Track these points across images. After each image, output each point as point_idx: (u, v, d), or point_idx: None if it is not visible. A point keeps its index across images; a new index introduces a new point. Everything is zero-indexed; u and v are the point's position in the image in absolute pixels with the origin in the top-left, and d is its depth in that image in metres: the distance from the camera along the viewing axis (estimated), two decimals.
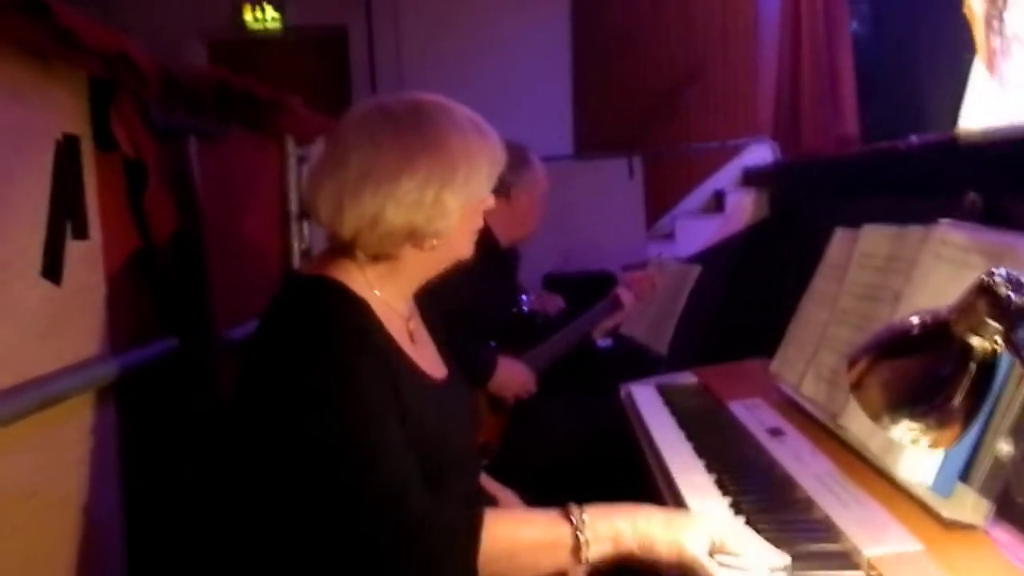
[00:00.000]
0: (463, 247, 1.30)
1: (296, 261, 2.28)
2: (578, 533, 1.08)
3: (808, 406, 1.55)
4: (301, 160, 2.32)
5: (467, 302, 1.48)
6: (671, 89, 5.02)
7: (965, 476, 1.06)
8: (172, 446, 1.54)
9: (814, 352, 1.61)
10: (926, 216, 2.83)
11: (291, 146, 2.29)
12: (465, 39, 5.18)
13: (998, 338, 0.76)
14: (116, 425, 1.41)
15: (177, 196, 1.65)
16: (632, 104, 5.10)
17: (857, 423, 1.32)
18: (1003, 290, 0.74)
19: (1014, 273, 0.75)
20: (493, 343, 2.37)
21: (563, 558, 1.09)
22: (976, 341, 0.77)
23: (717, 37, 5.01)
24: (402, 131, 1.20)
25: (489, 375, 2.21)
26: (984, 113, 4.29)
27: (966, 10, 4.15)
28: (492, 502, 1.16)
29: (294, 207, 2.29)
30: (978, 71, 4.48)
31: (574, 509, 1.10)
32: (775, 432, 1.51)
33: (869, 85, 5.44)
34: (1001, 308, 0.74)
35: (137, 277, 1.52)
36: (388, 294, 1.27)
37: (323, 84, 5.50)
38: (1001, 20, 4.12)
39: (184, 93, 1.71)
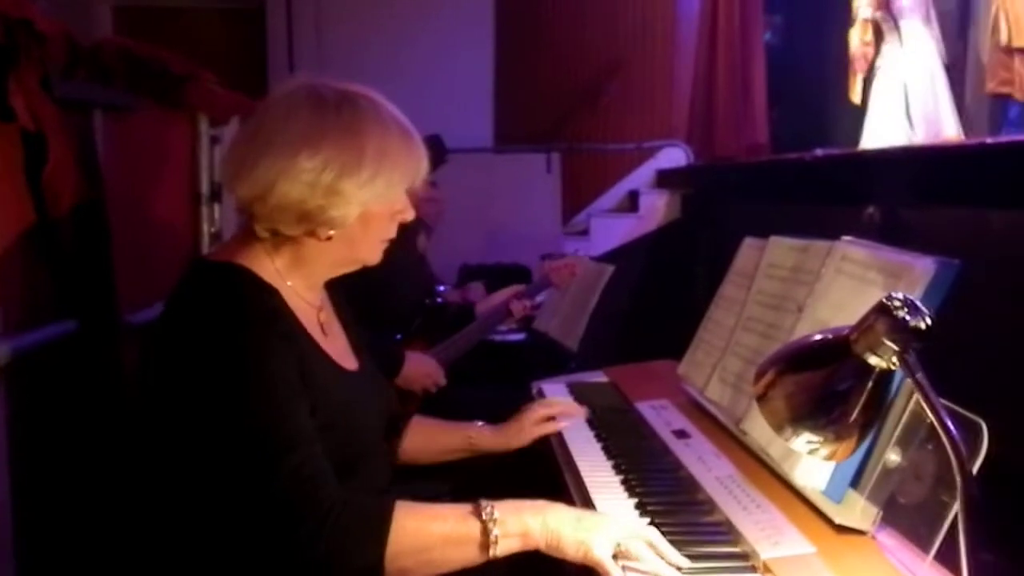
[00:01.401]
0: (368, 251, 1.29)
1: (205, 245, 2.22)
2: (487, 529, 1.10)
3: (713, 409, 1.60)
4: (214, 140, 2.25)
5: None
6: (591, 87, 5.08)
7: (856, 483, 1.12)
8: (68, 434, 1.47)
9: (720, 357, 1.66)
10: (830, 224, 2.95)
11: (204, 125, 2.21)
12: (388, 24, 5.10)
13: (894, 357, 0.80)
14: (5, 411, 1.34)
15: (80, 171, 1.58)
16: (553, 99, 5.13)
17: (758, 429, 1.37)
18: (901, 313, 0.78)
19: (911, 297, 0.79)
20: (399, 335, 2.36)
21: (472, 553, 1.11)
22: (874, 360, 0.81)
23: (636, 39, 5.09)
24: (320, 111, 1.20)
25: (397, 369, 2.20)
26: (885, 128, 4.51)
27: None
28: (408, 495, 1.17)
29: (205, 188, 2.22)
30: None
31: (484, 505, 1.12)
32: (681, 434, 1.55)
33: (780, 94, 5.64)
34: (898, 329, 0.78)
35: (33, 255, 1.45)
36: (297, 284, 1.27)
37: (237, 61, 5.32)
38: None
39: (89, 63, 1.63)
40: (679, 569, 1.06)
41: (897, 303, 0.79)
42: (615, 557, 1.07)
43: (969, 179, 2.48)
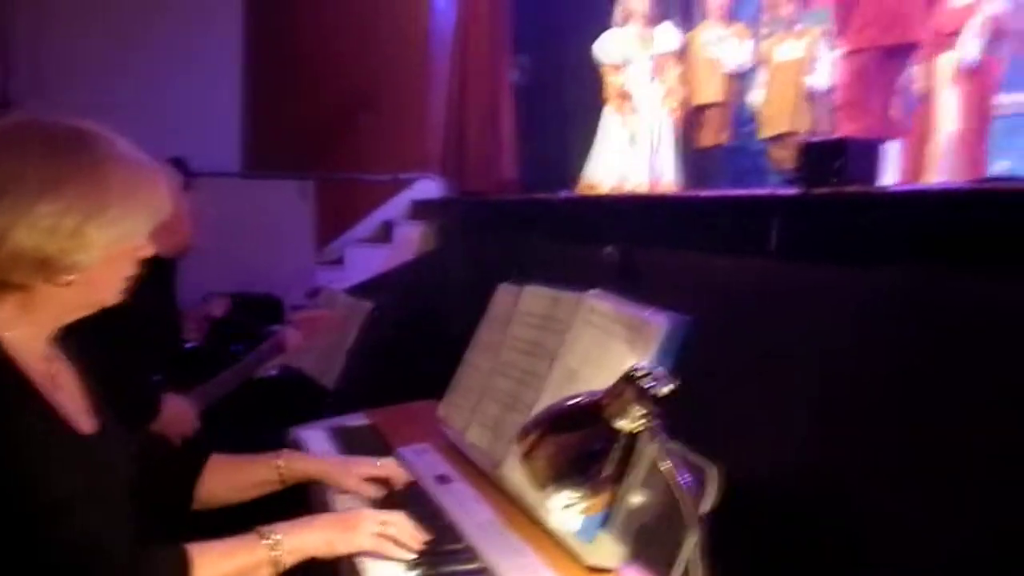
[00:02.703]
0: (107, 292, 1.22)
1: None
2: (273, 552, 1.22)
3: (472, 453, 1.65)
4: None
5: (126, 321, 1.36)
6: (346, 116, 5.05)
7: (605, 525, 1.21)
8: None
9: (478, 400, 1.72)
10: (574, 261, 3.15)
11: None
12: (120, 36, 4.71)
13: (641, 421, 0.88)
14: None
15: None
16: (307, 126, 5.03)
17: (516, 473, 1.43)
18: (646, 381, 0.86)
19: (657, 367, 0.88)
20: (158, 376, 2.20)
21: (266, 574, 1.23)
22: (623, 423, 0.89)
23: (391, 70, 5.15)
24: (56, 153, 1.12)
25: (154, 414, 2.04)
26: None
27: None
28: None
29: None
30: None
31: (264, 530, 1.24)
32: (442, 479, 1.58)
33: (528, 132, 5.96)
34: (644, 397, 0.87)
35: None
36: (23, 334, 1.16)
37: None
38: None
39: None
40: None
41: (642, 372, 0.87)
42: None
43: (691, 227, 2.79)
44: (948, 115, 4.32)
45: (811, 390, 2.03)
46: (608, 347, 1.38)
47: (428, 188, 5.16)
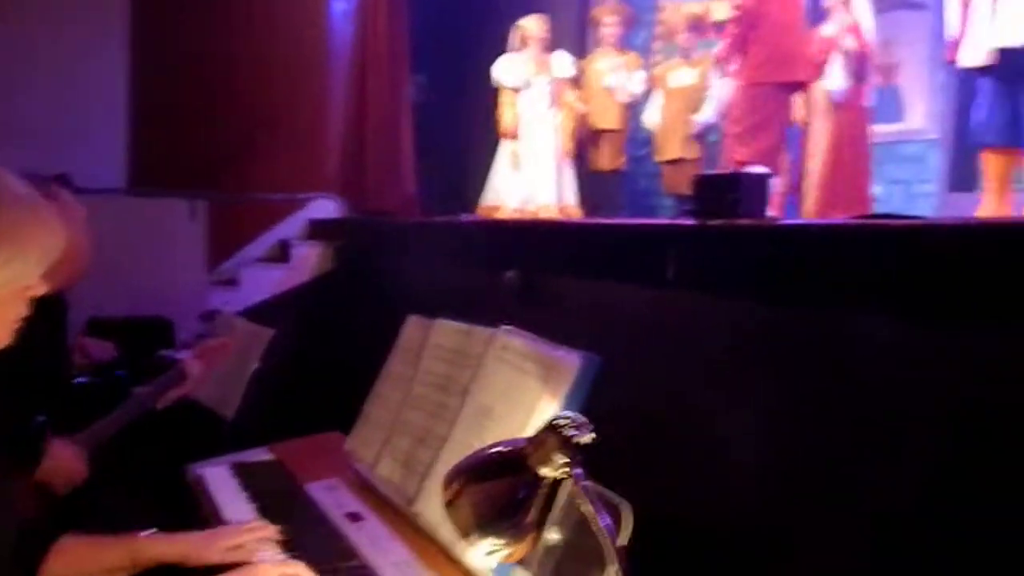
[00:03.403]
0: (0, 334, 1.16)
1: None
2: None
3: (384, 489, 1.64)
4: None
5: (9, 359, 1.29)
6: (241, 133, 4.92)
7: (522, 561, 1.24)
8: None
9: (389, 434, 1.72)
10: (475, 284, 3.17)
11: None
12: None
13: (563, 468, 0.91)
14: None
15: None
16: (199, 142, 4.87)
17: (430, 509, 1.44)
18: (568, 431, 0.90)
19: (579, 417, 0.91)
20: (43, 417, 2.07)
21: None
22: (546, 471, 0.92)
23: (288, 88, 5.06)
24: None
25: (37, 460, 1.92)
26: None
27: None
28: None
29: None
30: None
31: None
32: (354, 517, 1.57)
33: (427, 150, 5.96)
34: (567, 445, 0.90)
35: None
36: None
37: None
38: None
39: None
40: None
41: (565, 422, 0.90)
42: None
43: (592, 254, 2.86)
44: (819, 144, 4.62)
45: (705, 417, 2.12)
46: (521, 385, 1.41)
47: (325, 207, 5.09)
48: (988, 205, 3.38)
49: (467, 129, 6.50)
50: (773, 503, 1.59)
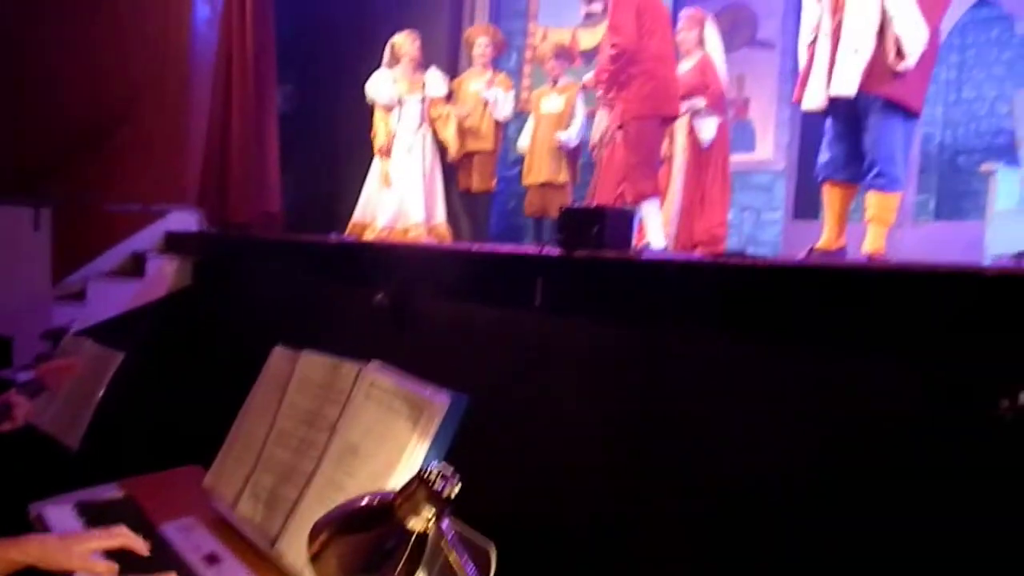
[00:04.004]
0: None
1: None
2: None
3: (245, 528, 1.60)
4: None
5: None
6: (94, 138, 4.64)
7: None
8: None
9: (251, 470, 1.67)
10: (346, 304, 3.12)
11: None
12: None
13: (431, 520, 0.92)
14: None
15: None
16: (45, 147, 4.56)
17: (293, 550, 1.42)
18: (437, 484, 0.91)
19: (447, 467, 0.93)
20: None
21: None
22: (415, 522, 0.93)
23: (146, 95, 4.81)
24: None
25: None
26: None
27: None
28: None
29: None
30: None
31: None
32: (211, 559, 1.52)
33: (291, 161, 5.83)
34: (434, 498, 0.91)
35: None
36: None
37: None
38: None
39: None
40: None
41: (433, 475, 0.92)
42: None
43: (462, 278, 2.88)
44: (679, 176, 4.85)
45: (559, 442, 2.19)
46: (389, 423, 1.41)
47: (184, 220, 4.88)
48: (828, 235, 3.64)
49: (335, 142, 6.41)
50: (628, 520, 1.67)
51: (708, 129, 4.82)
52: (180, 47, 4.87)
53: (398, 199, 5.11)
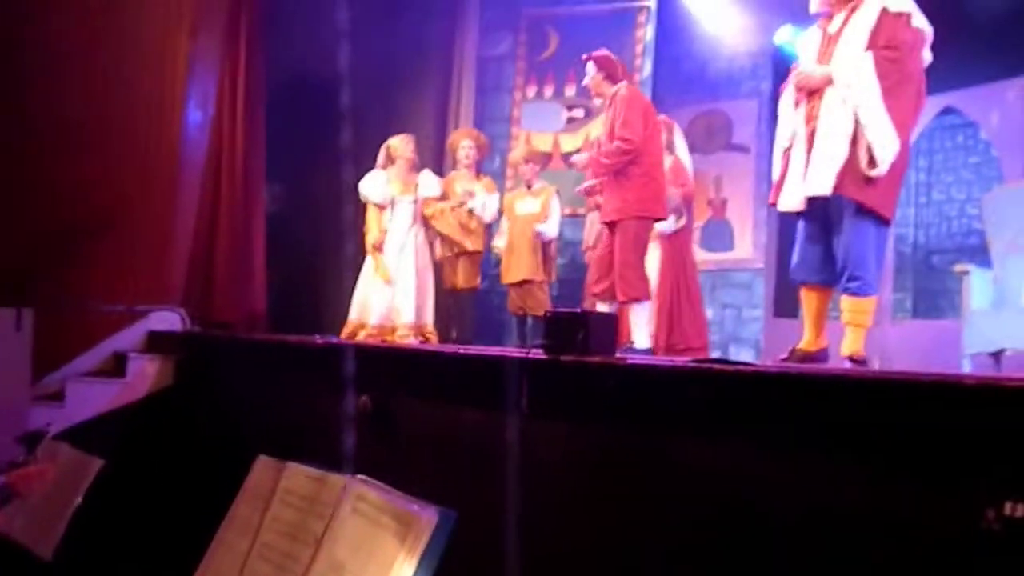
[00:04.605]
0: None
1: None
2: None
3: None
4: None
5: None
6: (80, 240, 4.67)
7: None
8: None
9: None
10: (329, 408, 3.10)
11: None
12: None
13: None
14: None
15: None
16: (30, 249, 4.57)
17: None
18: None
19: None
20: None
21: None
22: None
23: (136, 195, 4.87)
24: None
25: None
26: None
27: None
28: None
29: None
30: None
31: None
32: None
33: (277, 262, 5.87)
34: None
35: None
36: None
37: None
38: None
39: None
40: None
41: None
42: None
43: (447, 380, 2.89)
44: (651, 272, 4.98)
45: (547, 559, 2.16)
46: (377, 539, 1.39)
47: (168, 320, 4.87)
48: (808, 337, 3.68)
49: (320, 242, 6.48)
50: None
51: (670, 224, 5.03)
52: (171, 151, 4.96)
53: (389, 297, 5.14)
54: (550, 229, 5.63)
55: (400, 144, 5.41)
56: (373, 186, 5.32)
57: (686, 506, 1.99)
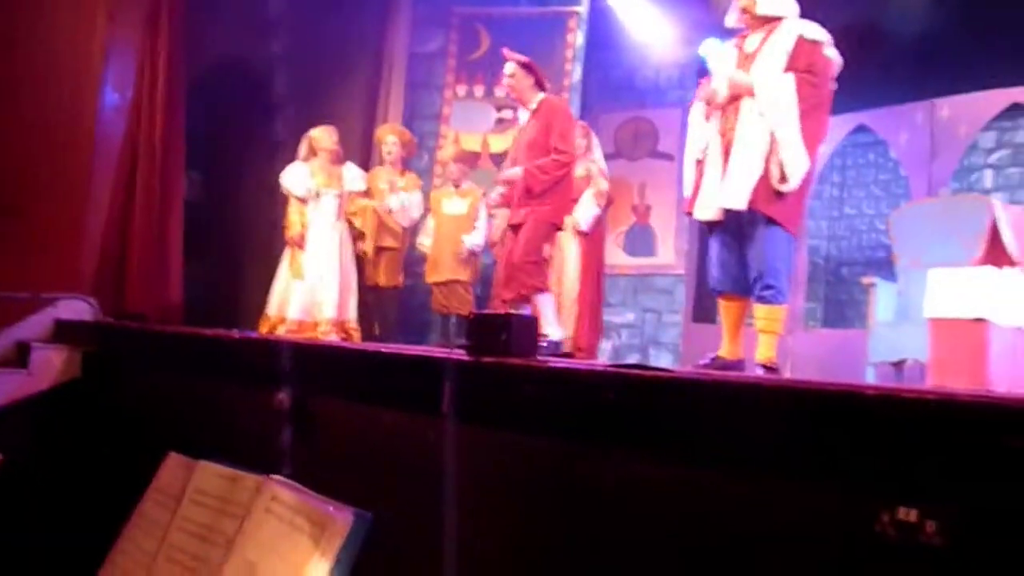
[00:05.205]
0: None
1: None
2: None
3: None
4: None
5: None
6: None
7: None
8: None
9: None
10: (243, 405, 3.04)
11: None
12: None
13: None
14: None
15: None
16: None
17: None
18: None
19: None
20: None
21: None
22: None
23: (46, 182, 4.66)
24: None
25: None
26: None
27: None
28: None
29: None
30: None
31: None
32: None
33: (195, 251, 5.71)
34: None
35: None
36: None
37: None
38: None
39: None
40: None
41: None
42: None
43: (367, 379, 2.85)
44: (570, 272, 5.07)
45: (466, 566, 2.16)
46: (291, 540, 1.37)
47: (77, 309, 4.67)
48: (726, 346, 3.79)
49: (239, 232, 6.34)
50: None
51: (588, 220, 5.20)
52: (85, 134, 4.77)
53: (310, 291, 5.06)
54: (477, 240, 5.63)
55: (322, 135, 5.33)
56: (295, 179, 5.24)
57: (604, 511, 2.01)
